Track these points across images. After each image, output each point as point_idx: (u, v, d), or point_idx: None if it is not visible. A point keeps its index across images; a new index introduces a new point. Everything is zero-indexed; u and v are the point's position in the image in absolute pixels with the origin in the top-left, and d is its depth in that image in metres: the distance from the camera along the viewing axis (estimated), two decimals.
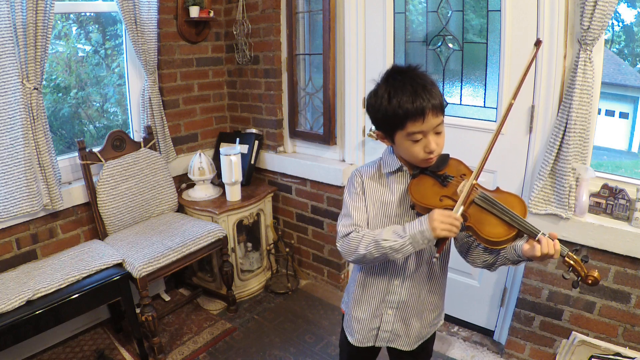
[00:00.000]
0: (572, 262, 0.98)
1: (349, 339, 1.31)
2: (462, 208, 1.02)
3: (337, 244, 1.18)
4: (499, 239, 0.99)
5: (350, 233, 1.14)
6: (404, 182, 1.16)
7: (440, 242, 1.03)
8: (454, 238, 1.20)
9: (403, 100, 1.02)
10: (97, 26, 2.38)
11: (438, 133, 1.07)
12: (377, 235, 1.08)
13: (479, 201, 1.05)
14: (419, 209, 1.11)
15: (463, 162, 1.17)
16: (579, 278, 0.98)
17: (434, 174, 1.12)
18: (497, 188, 1.11)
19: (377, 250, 1.07)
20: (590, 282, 0.97)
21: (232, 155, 2.38)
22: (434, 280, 1.22)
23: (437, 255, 1.03)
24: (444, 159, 1.14)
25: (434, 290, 1.24)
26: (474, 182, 1.05)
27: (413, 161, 1.11)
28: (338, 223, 1.19)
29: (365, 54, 2.28)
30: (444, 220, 1.00)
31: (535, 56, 1.11)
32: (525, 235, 1.00)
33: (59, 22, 2.20)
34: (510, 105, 1.06)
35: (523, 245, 1.00)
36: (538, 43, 1.09)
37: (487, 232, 1.00)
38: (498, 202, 1.03)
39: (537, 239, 0.97)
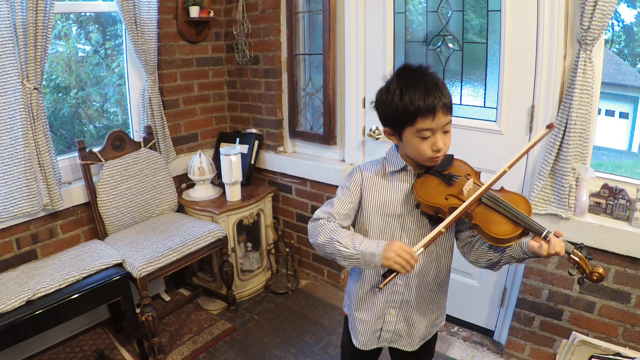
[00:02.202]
0: (577, 259, 0.98)
1: (354, 341, 1.31)
2: (421, 249, 1.01)
3: (308, 223, 1.20)
4: (505, 237, 1.00)
5: (321, 219, 1.16)
6: (409, 182, 1.16)
7: (390, 274, 1.01)
8: (456, 238, 1.21)
9: (415, 97, 1.03)
10: (97, 26, 2.38)
11: (446, 132, 1.08)
12: (337, 234, 1.09)
13: (486, 200, 1.06)
14: (424, 208, 1.11)
15: (467, 162, 1.18)
16: (584, 275, 0.99)
17: (439, 174, 1.13)
18: (502, 188, 1.12)
19: (330, 247, 1.09)
20: (595, 278, 0.97)
21: (232, 155, 2.38)
22: (438, 280, 1.22)
23: (380, 286, 1.01)
24: (449, 159, 1.16)
25: (437, 290, 1.24)
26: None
27: (419, 159, 1.12)
28: (321, 207, 1.22)
29: (365, 54, 2.28)
30: (401, 255, 0.99)
31: (543, 137, 1.13)
32: (530, 233, 1.01)
33: (59, 22, 2.20)
34: (504, 172, 1.07)
35: (530, 242, 1.00)
36: (550, 126, 1.10)
37: (494, 230, 1.01)
38: (504, 201, 1.04)
39: (544, 236, 0.97)
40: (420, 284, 1.20)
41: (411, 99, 1.03)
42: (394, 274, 1.01)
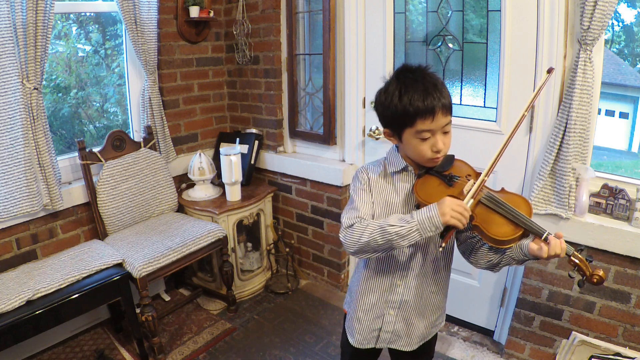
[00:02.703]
0: (577, 261, 0.98)
1: (350, 339, 1.31)
2: (471, 201, 1.01)
3: (340, 235, 1.14)
4: (505, 238, 1.00)
5: (354, 224, 1.11)
6: (409, 182, 1.16)
7: (447, 232, 1.01)
8: (456, 239, 1.20)
9: (414, 98, 1.02)
10: (97, 26, 2.38)
11: (446, 133, 1.07)
12: (382, 222, 1.06)
13: (486, 201, 1.05)
14: None
15: (467, 163, 1.18)
16: (584, 277, 0.98)
17: (440, 174, 1.12)
18: (502, 189, 1.12)
19: (382, 236, 1.04)
20: (595, 280, 0.97)
21: (232, 155, 2.38)
22: (437, 280, 1.22)
23: (443, 245, 1.02)
24: (449, 159, 1.15)
25: (437, 290, 1.24)
26: (485, 178, 1.05)
27: (419, 160, 1.11)
28: (343, 215, 1.16)
29: (365, 54, 2.28)
30: (455, 208, 0.99)
31: (546, 82, 1.13)
32: (530, 235, 1.01)
33: (59, 22, 2.20)
34: (523, 117, 1.08)
35: (530, 244, 1.00)
36: (550, 70, 1.11)
37: (494, 232, 1.01)
38: (504, 202, 1.03)
39: (544, 238, 0.97)
40: (419, 285, 1.20)
41: (410, 100, 1.03)
42: (452, 230, 1.01)
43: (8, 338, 1.60)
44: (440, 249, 1.06)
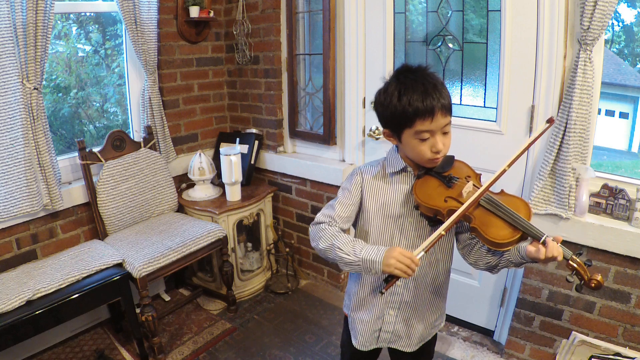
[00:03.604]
0: (575, 265, 0.98)
1: (353, 341, 1.31)
2: (422, 253, 1.01)
3: (309, 226, 1.21)
4: (503, 241, 0.99)
5: (322, 223, 1.17)
6: (409, 183, 1.16)
7: (391, 279, 1.01)
8: (457, 240, 1.20)
9: (413, 99, 1.02)
10: (97, 26, 2.38)
11: (445, 133, 1.07)
12: (338, 240, 1.10)
13: (484, 203, 1.05)
14: (423, 210, 1.11)
15: (468, 164, 1.17)
16: (582, 281, 0.98)
17: (439, 175, 1.12)
18: (502, 190, 1.11)
19: (331, 253, 1.10)
20: (593, 285, 0.96)
21: (232, 155, 2.38)
22: (437, 281, 1.22)
23: (382, 291, 1.01)
24: (449, 160, 1.15)
25: (437, 291, 1.24)
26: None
27: (419, 161, 1.11)
28: (323, 209, 1.22)
29: (365, 54, 2.28)
30: (402, 260, 0.99)
31: (543, 132, 1.11)
32: (529, 238, 1.00)
33: (59, 22, 2.20)
34: (504, 171, 1.06)
35: (527, 247, 0.99)
36: (550, 121, 1.10)
37: (492, 234, 1.00)
38: (503, 205, 1.03)
39: (542, 241, 0.97)
40: (419, 286, 1.20)
41: (409, 100, 1.02)
42: (396, 278, 1.01)
43: (8, 338, 1.60)
44: (380, 294, 1.09)
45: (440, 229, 1.02)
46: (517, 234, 0.99)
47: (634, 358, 1.57)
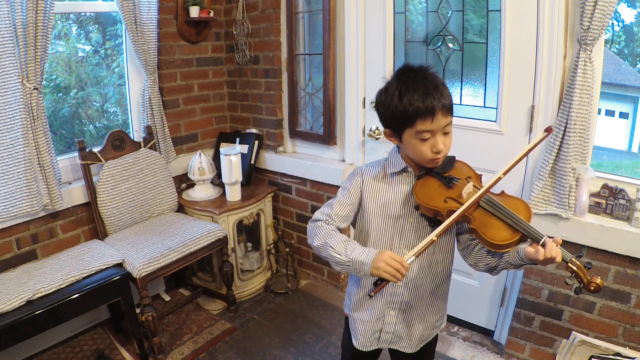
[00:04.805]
0: (575, 267, 0.97)
1: (354, 342, 1.31)
2: (412, 258, 1.00)
3: (307, 223, 1.22)
4: (502, 243, 0.99)
5: (319, 220, 1.18)
6: (409, 183, 1.16)
7: (381, 282, 1.00)
8: (457, 240, 1.20)
9: (414, 99, 1.02)
10: (97, 26, 2.38)
11: (446, 133, 1.07)
12: (332, 239, 1.10)
13: (484, 204, 1.05)
14: (424, 210, 1.11)
15: (468, 164, 1.17)
16: (582, 284, 0.98)
17: (440, 176, 1.12)
18: (502, 192, 1.11)
19: (324, 251, 1.11)
20: (592, 288, 0.96)
21: (232, 155, 2.38)
22: (437, 282, 1.22)
23: (371, 294, 1.00)
24: (450, 161, 1.15)
25: (437, 292, 1.24)
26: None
27: (419, 161, 1.11)
28: (322, 206, 1.23)
29: (365, 54, 2.28)
30: (391, 264, 0.99)
31: (541, 141, 1.12)
32: (528, 240, 1.00)
33: (59, 22, 2.20)
34: (499, 179, 1.06)
35: (527, 248, 0.99)
36: (548, 130, 1.10)
37: (491, 236, 1.00)
38: (503, 206, 1.03)
39: (541, 243, 0.96)
40: (419, 286, 1.20)
41: (410, 100, 1.02)
42: (385, 282, 1.00)
43: (8, 338, 1.60)
44: (368, 297, 1.07)
45: (432, 235, 1.01)
46: (517, 235, 0.99)
47: (634, 358, 1.57)
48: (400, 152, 1.17)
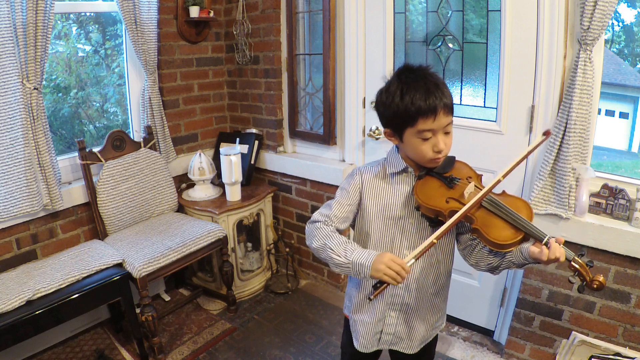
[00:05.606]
0: (577, 266, 0.97)
1: (355, 343, 1.30)
2: (413, 260, 1.00)
3: (306, 224, 1.21)
4: (505, 242, 0.99)
5: (318, 222, 1.17)
6: (409, 183, 1.15)
7: (381, 284, 1.00)
8: (457, 241, 1.20)
9: (416, 97, 1.02)
10: (97, 26, 2.38)
11: (447, 133, 1.07)
12: (331, 240, 1.10)
13: (486, 204, 1.05)
14: (425, 211, 1.10)
15: (468, 164, 1.17)
16: (584, 282, 0.98)
17: (440, 176, 1.12)
18: (504, 191, 1.11)
19: (323, 253, 1.10)
20: (595, 286, 0.96)
21: (232, 155, 2.38)
22: (438, 283, 1.22)
23: (371, 297, 1.00)
24: (450, 161, 1.14)
25: (438, 293, 1.24)
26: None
27: (420, 160, 1.11)
28: (321, 207, 1.23)
29: (365, 54, 2.28)
30: (391, 267, 0.99)
31: (540, 144, 1.13)
32: (531, 239, 1.00)
33: (59, 22, 2.20)
34: (499, 181, 1.06)
35: (530, 247, 0.99)
36: (547, 133, 1.10)
37: (494, 235, 1.00)
38: (505, 206, 1.03)
39: (544, 243, 0.96)
40: (420, 287, 1.19)
41: (412, 99, 1.02)
42: (385, 285, 1.00)
43: (8, 338, 1.60)
44: (368, 300, 1.07)
45: (432, 237, 1.01)
46: (520, 235, 0.99)
47: (634, 358, 1.57)
48: (400, 152, 1.17)
